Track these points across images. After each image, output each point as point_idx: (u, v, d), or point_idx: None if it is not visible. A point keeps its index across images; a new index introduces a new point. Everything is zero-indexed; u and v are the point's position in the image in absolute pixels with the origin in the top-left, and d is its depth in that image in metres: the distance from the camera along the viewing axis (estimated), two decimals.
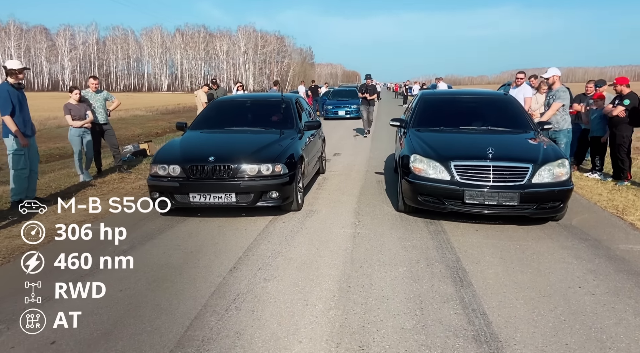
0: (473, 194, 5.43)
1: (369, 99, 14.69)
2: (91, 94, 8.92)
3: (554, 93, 7.60)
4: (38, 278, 3.68)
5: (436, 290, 4.00)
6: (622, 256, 4.77)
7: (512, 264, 4.58)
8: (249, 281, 4.15)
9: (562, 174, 5.50)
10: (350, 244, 5.11)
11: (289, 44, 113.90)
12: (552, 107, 7.60)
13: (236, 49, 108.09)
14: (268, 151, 6.06)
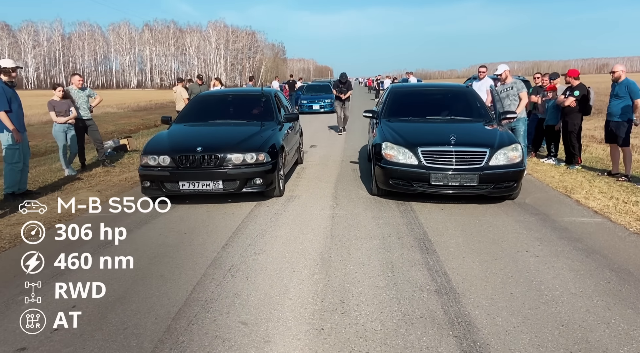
0: (438, 176, 6.06)
1: (344, 98, 14.62)
2: (75, 91, 9.25)
3: (512, 85, 8.28)
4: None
5: (405, 257, 4.60)
6: (565, 227, 5.46)
7: (471, 235, 5.22)
8: (241, 254, 4.68)
9: (515, 157, 6.18)
10: (329, 223, 5.68)
11: (261, 40, 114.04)
12: (523, 98, 8.26)
13: (207, 45, 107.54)
14: (251, 141, 6.57)
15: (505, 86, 8.41)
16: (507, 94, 8.32)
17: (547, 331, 3.23)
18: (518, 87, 8.25)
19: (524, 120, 8.38)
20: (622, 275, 4.09)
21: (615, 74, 7.76)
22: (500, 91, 8.45)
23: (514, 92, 8.25)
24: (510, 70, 8.43)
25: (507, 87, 8.36)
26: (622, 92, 7.65)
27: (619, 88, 7.71)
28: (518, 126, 8.22)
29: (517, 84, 8.33)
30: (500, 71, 8.36)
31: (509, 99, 8.28)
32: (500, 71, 8.38)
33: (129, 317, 3.48)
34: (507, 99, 8.30)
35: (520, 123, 8.26)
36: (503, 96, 8.36)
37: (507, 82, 8.39)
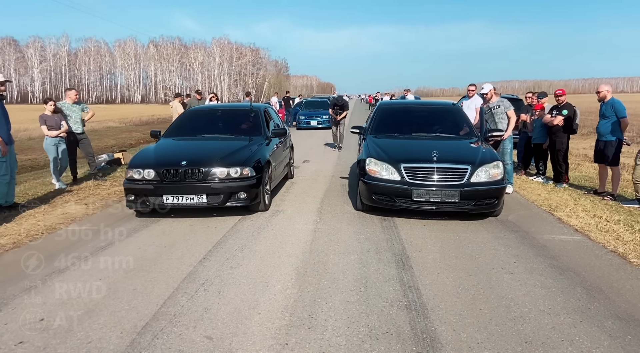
0: (420, 192, 6.09)
1: (339, 119, 14.68)
2: (68, 105, 9.35)
3: (499, 104, 8.33)
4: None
5: (381, 272, 4.61)
6: (544, 244, 5.47)
7: (450, 251, 5.23)
8: (217, 269, 4.70)
9: (496, 174, 6.21)
10: (310, 238, 5.70)
11: (264, 56, 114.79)
12: (512, 117, 8.31)
13: (211, 61, 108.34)
14: (237, 155, 6.62)
15: (491, 104, 8.47)
16: (494, 113, 8.37)
17: (509, 348, 3.23)
18: (505, 106, 8.32)
19: (510, 138, 8.42)
20: (592, 293, 4.09)
21: (601, 94, 7.81)
22: (486, 111, 8.50)
23: (501, 110, 8.32)
24: (513, 89, 8.50)
25: (493, 105, 8.42)
26: (609, 111, 7.70)
27: (605, 108, 7.76)
28: (504, 144, 8.26)
29: (503, 103, 8.39)
30: (486, 90, 8.43)
31: (496, 117, 8.33)
32: (485, 90, 8.45)
33: (94, 331, 3.49)
34: (494, 117, 8.35)
35: (506, 141, 8.31)
36: (489, 115, 8.40)
37: (492, 101, 8.48)
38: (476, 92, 10.92)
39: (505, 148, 8.30)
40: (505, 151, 8.29)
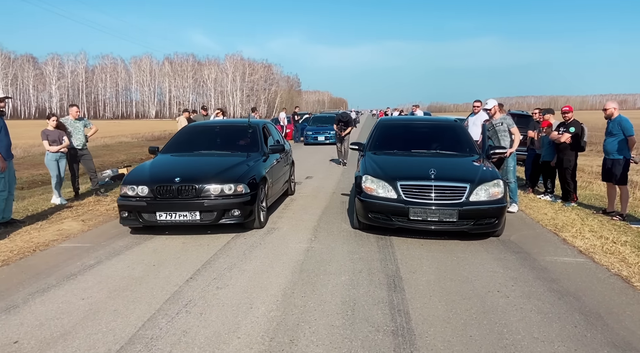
0: (417, 211, 5.93)
1: (343, 135, 14.58)
2: (71, 121, 9.38)
3: (502, 121, 8.17)
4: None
5: (371, 294, 4.44)
6: (545, 266, 5.26)
7: (445, 273, 5.05)
8: (203, 289, 4.57)
9: (497, 193, 6.03)
10: (302, 257, 5.56)
11: (276, 72, 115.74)
12: (516, 134, 8.13)
13: (224, 77, 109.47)
14: (231, 172, 6.53)
15: (495, 121, 8.29)
16: (497, 130, 8.21)
17: None
18: (508, 123, 8.16)
19: (513, 156, 8.24)
20: (591, 319, 3.89)
21: (607, 112, 7.63)
22: (489, 127, 8.34)
23: (504, 127, 8.15)
24: (529, 104, 8.34)
25: (496, 122, 8.23)
26: (615, 129, 7.50)
27: (612, 125, 7.57)
28: (508, 162, 8.11)
29: (506, 120, 8.23)
30: (489, 106, 8.28)
31: (499, 134, 8.18)
32: (489, 105, 8.29)
33: None
34: (497, 134, 8.20)
35: (510, 159, 8.15)
36: (492, 132, 8.27)
37: (496, 118, 8.31)
38: (482, 108, 10.79)
39: (508, 165, 8.14)
40: (509, 168, 8.12)
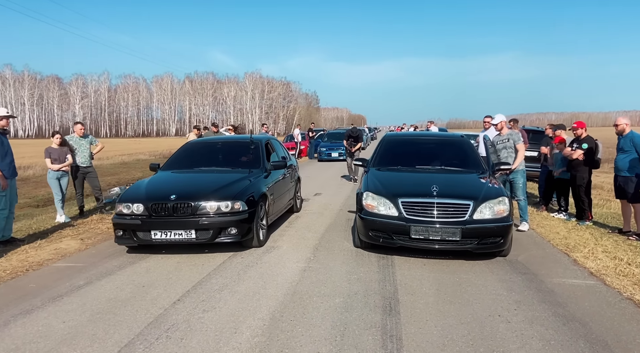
0: (418, 229, 5.69)
1: (353, 151, 14.37)
2: (76, 139, 9.39)
3: (508, 137, 7.91)
4: None
5: (364, 318, 4.22)
6: (552, 289, 4.97)
7: (445, 295, 4.79)
8: (189, 312, 4.39)
9: (502, 211, 5.77)
10: (298, 277, 5.36)
11: (295, 89, 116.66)
12: (520, 150, 7.83)
13: (243, 95, 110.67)
14: (229, 189, 6.39)
15: (501, 137, 8.06)
16: (505, 146, 7.95)
17: None
18: (514, 139, 7.92)
19: (522, 172, 7.91)
20: (596, 347, 3.60)
21: (619, 127, 7.33)
22: (497, 142, 8.07)
23: (510, 144, 7.91)
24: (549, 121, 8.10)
25: (503, 138, 8.00)
26: (627, 145, 7.19)
27: (624, 142, 7.27)
28: (517, 178, 7.85)
29: (512, 136, 7.95)
30: (496, 121, 8.06)
31: (506, 150, 7.95)
32: (496, 121, 8.07)
33: None
34: (505, 150, 7.96)
35: (519, 175, 7.86)
36: (500, 147, 8.01)
37: (503, 133, 8.07)
38: (491, 123, 10.54)
39: (517, 182, 7.86)
40: (518, 185, 7.86)
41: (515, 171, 7.77)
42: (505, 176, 7.78)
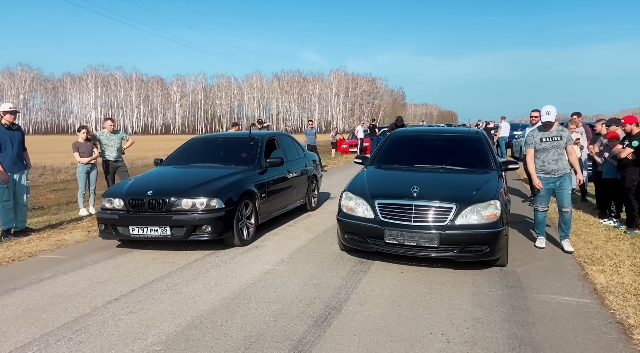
0: (393, 233, 5.16)
1: None
2: (107, 134, 9.71)
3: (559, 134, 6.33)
4: None
5: (286, 329, 3.83)
6: (530, 306, 4.27)
7: (399, 307, 4.27)
8: (114, 313, 4.22)
9: (491, 216, 5.06)
10: (254, 280, 5.04)
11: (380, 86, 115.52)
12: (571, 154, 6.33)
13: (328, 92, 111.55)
14: (209, 185, 6.20)
15: (549, 133, 6.31)
16: (553, 145, 6.27)
17: None
18: (567, 138, 6.30)
19: (569, 176, 6.36)
20: None
21: None
22: (543, 139, 6.32)
23: (561, 143, 6.25)
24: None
25: (551, 135, 6.28)
26: None
27: None
28: (564, 185, 6.25)
29: (565, 134, 6.31)
30: (552, 117, 6.23)
31: (552, 152, 6.26)
32: (552, 116, 6.23)
33: None
34: (551, 151, 6.26)
35: (566, 181, 6.27)
36: (542, 147, 6.31)
37: (553, 129, 6.31)
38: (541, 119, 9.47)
39: (564, 188, 6.25)
40: (565, 192, 6.24)
41: (563, 175, 6.24)
42: (551, 183, 6.26)
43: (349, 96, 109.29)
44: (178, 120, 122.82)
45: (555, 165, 6.21)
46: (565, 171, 6.26)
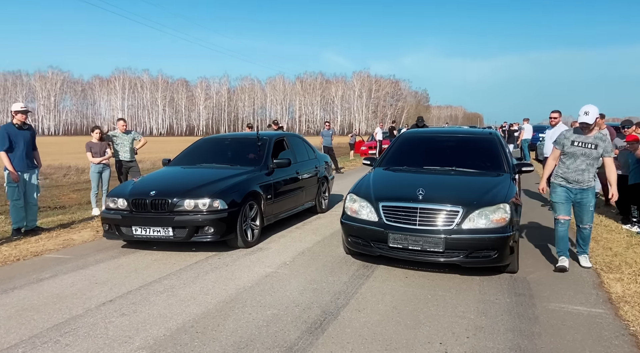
0: (397, 237, 4.97)
1: None
2: (120, 134, 9.73)
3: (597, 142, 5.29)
4: None
5: (277, 335, 3.69)
6: (537, 316, 4.04)
7: (398, 314, 4.09)
8: (106, 315, 4.14)
9: (499, 220, 4.83)
10: (252, 283, 4.92)
11: (404, 88, 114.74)
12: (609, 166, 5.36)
13: (351, 94, 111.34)
14: (212, 186, 6.11)
15: (584, 138, 5.28)
16: (583, 153, 5.23)
17: None
18: (605, 149, 5.21)
19: (592, 190, 5.40)
20: None
21: None
22: (575, 142, 5.31)
23: (594, 153, 5.21)
24: None
25: (586, 141, 5.26)
26: None
27: None
28: (586, 200, 5.34)
29: (603, 143, 5.20)
30: (592, 119, 5.15)
31: (580, 159, 5.27)
32: (592, 117, 5.15)
33: None
34: (579, 159, 5.27)
35: (589, 196, 5.34)
36: (571, 151, 5.32)
37: (590, 134, 5.28)
38: (560, 120, 9.14)
39: (587, 203, 5.34)
40: (587, 208, 5.36)
41: (587, 188, 5.32)
42: (572, 194, 5.37)
43: (372, 98, 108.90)
44: (202, 122, 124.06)
45: (580, 176, 5.27)
46: (590, 185, 5.33)
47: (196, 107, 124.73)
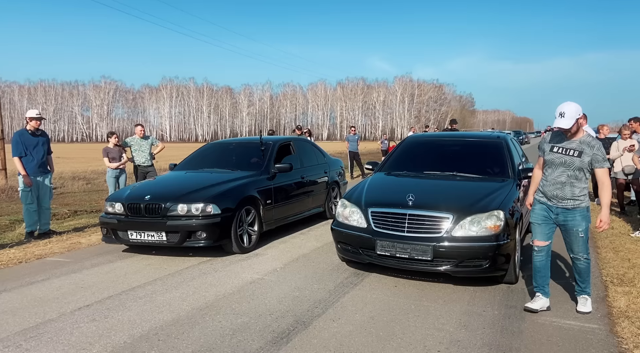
0: (384, 244, 4.76)
1: None
2: (137, 139, 9.88)
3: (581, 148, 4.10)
4: None
5: (238, 345, 3.55)
6: (522, 330, 3.75)
7: (374, 325, 3.88)
8: (77, 320, 4.10)
9: (492, 227, 4.54)
10: (234, 290, 4.81)
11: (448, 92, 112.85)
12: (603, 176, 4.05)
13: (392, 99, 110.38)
14: (205, 191, 6.05)
15: (566, 142, 4.11)
16: (563, 162, 4.09)
17: None
18: (595, 157, 4.01)
19: (582, 213, 4.08)
20: None
21: None
22: (554, 148, 4.16)
23: (577, 161, 4.02)
24: None
25: (568, 146, 4.09)
26: None
27: None
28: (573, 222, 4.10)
29: (591, 149, 4.02)
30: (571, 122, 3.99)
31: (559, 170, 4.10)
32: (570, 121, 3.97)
33: None
34: (558, 169, 4.11)
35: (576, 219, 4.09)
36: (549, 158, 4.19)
37: (575, 138, 4.09)
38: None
39: (574, 227, 4.10)
40: (575, 233, 4.10)
41: (571, 209, 4.08)
42: (552, 213, 4.17)
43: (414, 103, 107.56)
44: (245, 128, 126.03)
45: (560, 190, 4.07)
46: (577, 205, 4.06)
47: (239, 114, 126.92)
